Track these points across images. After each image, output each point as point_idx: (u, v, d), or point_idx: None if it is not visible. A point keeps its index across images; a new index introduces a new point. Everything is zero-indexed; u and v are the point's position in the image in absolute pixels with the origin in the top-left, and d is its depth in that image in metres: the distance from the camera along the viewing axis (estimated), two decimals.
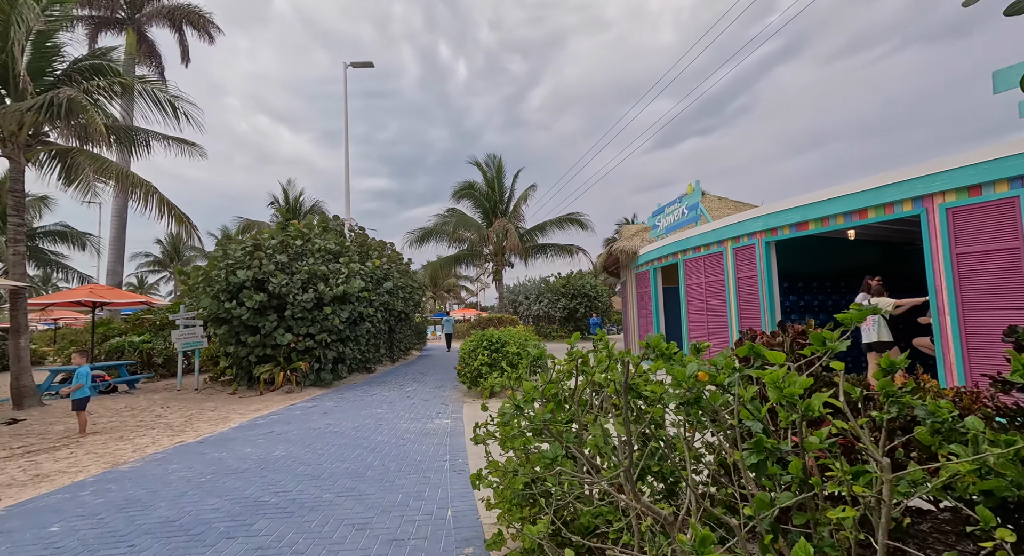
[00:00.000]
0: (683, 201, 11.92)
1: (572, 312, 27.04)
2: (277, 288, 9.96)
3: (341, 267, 11.05)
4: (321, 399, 9.22)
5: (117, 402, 9.63)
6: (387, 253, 14.86)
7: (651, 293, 13.30)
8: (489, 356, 8.70)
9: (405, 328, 17.24)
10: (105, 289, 11.29)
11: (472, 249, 22.15)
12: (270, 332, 9.97)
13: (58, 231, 21.16)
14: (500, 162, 21.93)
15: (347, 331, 11.12)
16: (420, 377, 12.39)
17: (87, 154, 9.40)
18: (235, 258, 10.15)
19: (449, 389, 10.15)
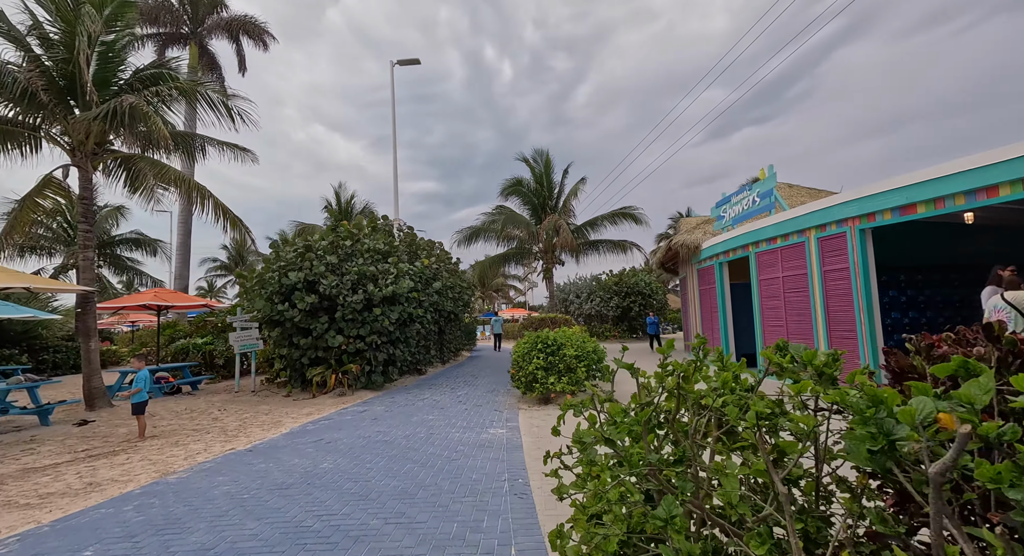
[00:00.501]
0: (753, 188, 10.83)
1: (626, 311, 25.95)
2: (327, 289, 9.83)
3: (390, 267, 10.82)
4: (372, 403, 8.97)
5: (179, 404, 9.83)
6: (436, 253, 14.61)
7: (717, 289, 12.24)
8: (545, 359, 8.11)
9: (455, 329, 16.97)
10: (169, 293, 11.68)
11: (521, 247, 21.64)
12: (321, 334, 9.86)
13: (133, 239, 22.56)
14: (548, 157, 21.29)
15: (397, 332, 10.88)
16: (471, 380, 11.99)
17: (148, 160, 9.63)
18: (287, 260, 10.11)
19: (502, 393, 9.65)
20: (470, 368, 14.99)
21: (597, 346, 8.43)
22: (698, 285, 13.89)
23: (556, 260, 21.18)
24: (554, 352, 8.23)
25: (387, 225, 12.91)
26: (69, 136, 8.85)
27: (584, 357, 8.16)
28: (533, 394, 8.14)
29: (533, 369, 8.09)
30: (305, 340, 9.84)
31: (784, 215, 9.37)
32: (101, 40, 8.94)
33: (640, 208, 20.31)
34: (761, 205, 10.47)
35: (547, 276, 21.16)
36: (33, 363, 16.48)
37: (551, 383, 7.89)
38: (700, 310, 13.77)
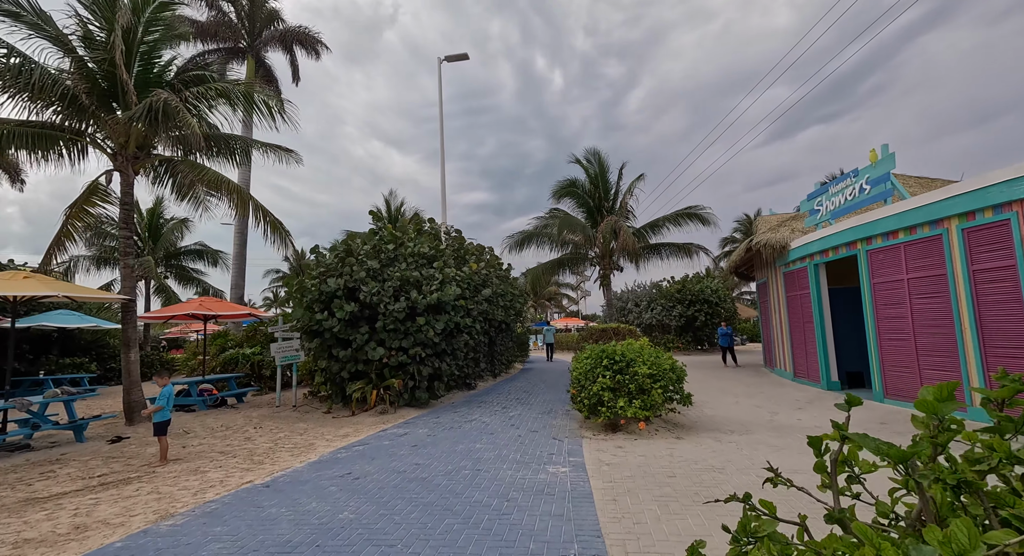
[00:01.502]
0: (860, 174, 9.03)
1: (690, 320, 23.86)
2: (368, 296, 9.04)
3: (435, 273, 9.91)
4: (414, 424, 8.00)
5: (219, 418, 9.33)
6: (485, 258, 13.64)
7: (811, 295, 10.41)
8: (612, 378, 6.81)
9: (506, 339, 15.89)
10: (214, 302, 11.43)
11: (576, 252, 20.33)
12: (361, 346, 9.06)
13: (196, 250, 23.31)
14: (602, 157, 19.95)
15: (443, 344, 9.92)
16: (525, 397, 10.81)
17: (188, 163, 9.30)
18: (326, 265, 9.44)
19: (560, 415, 8.40)
20: (523, 383, 13.82)
21: (675, 363, 7.03)
22: (784, 291, 12.03)
23: (614, 266, 19.69)
24: (623, 370, 6.91)
25: (433, 229, 12.10)
26: (112, 140, 8.62)
27: (660, 376, 6.78)
28: (598, 419, 6.85)
29: (598, 390, 6.80)
30: (344, 352, 9.08)
31: (907, 203, 7.59)
32: (143, 41, 8.70)
33: (708, 207, 18.48)
34: (872, 194, 8.66)
35: (604, 283, 19.69)
36: (101, 371, 17.03)
37: (620, 407, 6.58)
38: (787, 320, 11.89)
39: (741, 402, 9.15)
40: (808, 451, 5.59)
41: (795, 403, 8.83)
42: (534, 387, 12.61)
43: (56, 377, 14.06)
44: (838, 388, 9.98)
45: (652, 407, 6.67)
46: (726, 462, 5.10)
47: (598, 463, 5.34)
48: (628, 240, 16.96)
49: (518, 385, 13.23)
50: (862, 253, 8.64)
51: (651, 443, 6.15)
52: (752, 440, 6.11)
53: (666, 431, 6.80)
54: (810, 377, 10.83)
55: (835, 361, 10.08)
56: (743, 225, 36.69)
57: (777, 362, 13.17)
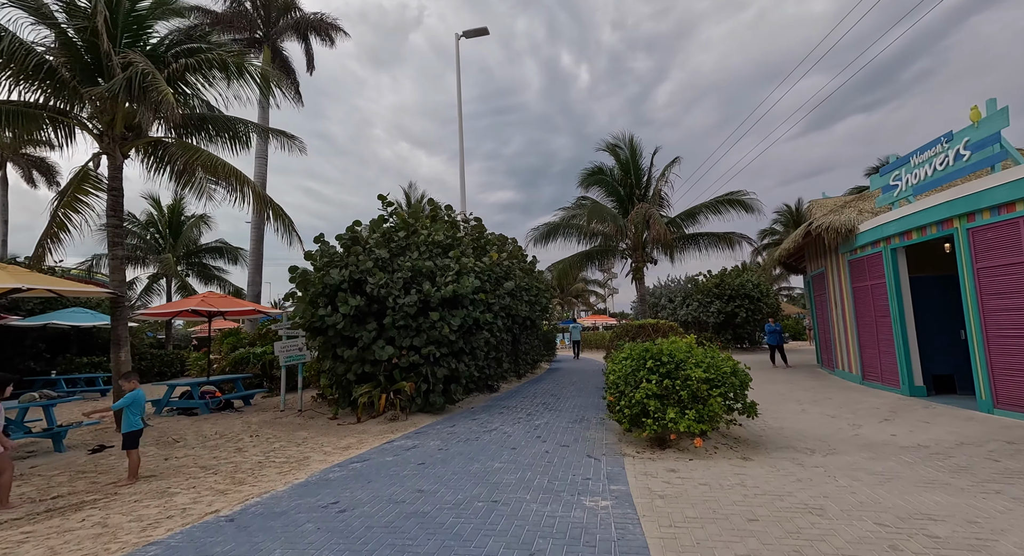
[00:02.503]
0: (957, 139, 7.51)
1: (730, 317, 22.19)
2: (375, 289, 8.06)
3: (451, 263, 8.86)
4: (425, 435, 6.97)
5: (217, 424, 8.53)
6: (508, 248, 12.54)
7: (888, 285, 8.90)
8: (659, 383, 5.60)
9: (531, 338, 14.77)
10: (218, 297, 10.72)
11: (606, 244, 18.99)
12: (368, 344, 8.09)
13: (216, 247, 23.02)
14: (634, 142, 18.52)
15: (460, 342, 8.87)
16: (553, 402, 9.67)
17: (181, 145, 8.52)
18: (330, 255, 8.52)
19: (594, 425, 7.23)
20: (550, 384, 12.67)
21: (736, 365, 5.75)
22: (849, 281, 10.50)
23: (648, 258, 18.28)
24: (672, 373, 5.69)
25: (450, 216, 11.06)
26: (98, 119, 7.90)
27: (720, 381, 5.53)
28: (642, 433, 5.64)
29: (642, 397, 5.60)
30: (350, 352, 8.13)
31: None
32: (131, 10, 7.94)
33: (752, 192, 16.85)
34: (975, 160, 7.14)
35: (637, 276, 18.30)
36: None
37: (670, 419, 5.36)
38: (854, 315, 10.36)
39: (809, 410, 7.77)
40: (933, 483, 4.22)
41: (875, 412, 7.40)
42: (562, 390, 11.44)
43: (70, 376, 13.70)
44: (923, 394, 8.46)
45: (710, 419, 5.43)
46: (822, 498, 3.84)
47: (648, 494, 4.15)
48: (661, 229, 15.54)
49: (545, 387, 12.09)
50: (961, 233, 7.14)
51: (712, 465, 4.92)
52: (844, 464, 4.81)
53: (727, 448, 5.55)
54: (885, 381, 9.32)
55: (919, 362, 8.55)
56: (783, 216, 34.39)
57: (839, 363, 11.62)
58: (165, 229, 21.74)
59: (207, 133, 9.19)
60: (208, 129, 9.13)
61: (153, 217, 21.86)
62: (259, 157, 19.01)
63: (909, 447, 5.34)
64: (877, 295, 9.38)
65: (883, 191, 9.37)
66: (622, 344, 9.10)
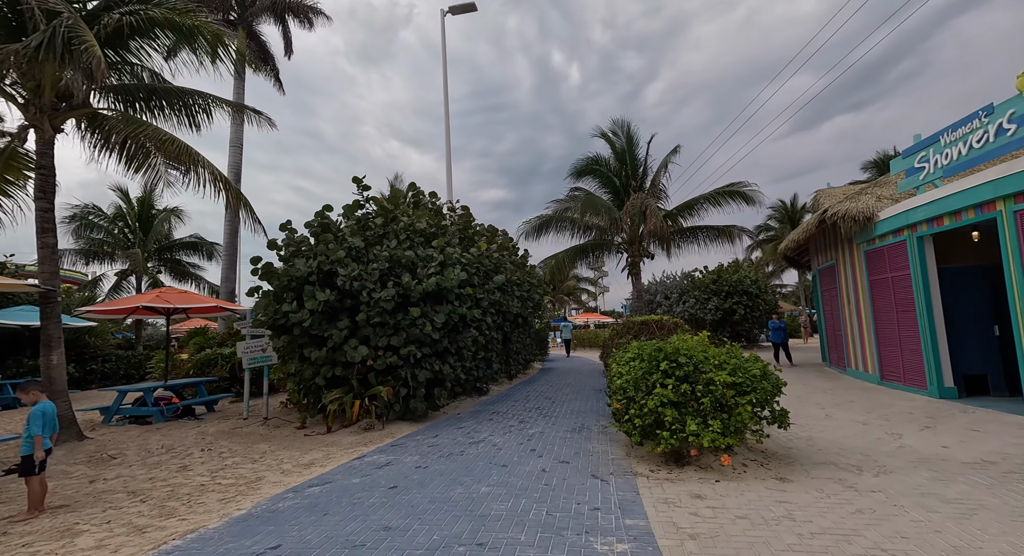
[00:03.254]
0: (998, 112, 6.73)
1: (728, 314, 21.45)
2: (347, 282, 7.11)
3: (434, 253, 7.93)
4: (403, 447, 6.04)
5: (169, 435, 7.52)
6: (498, 240, 11.63)
7: (914, 278, 8.14)
8: (676, 389, 4.72)
9: (523, 336, 13.87)
10: (176, 293, 9.67)
11: (601, 237, 18.15)
12: (339, 344, 7.15)
13: (191, 243, 21.82)
14: (629, 129, 17.69)
15: (445, 341, 7.95)
16: (548, 406, 8.79)
17: (124, 118, 7.47)
18: (296, 243, 7.56)
19: (596, 435, 6.35)
20: (543, 386, 11.79)
21: (766, 367, 4.90)
22: (866, 274, 9.74)
23: (644, 252, 17.47)
24: (690, 376, 4.83)
25: (435, 204, 10.11)
26: (23, 86, 6.84)
27: (749, 386, 4.68)
28: (656, 448, 4.77)
29: (656, 405, 4.72)
30: (318, 353, 7.17)
31: None
32: None
33: (753, 183, 16.09)
34: (1020, 135, 6.37)
35: (633, 272, 17.49)
36: (80, 374, 15.53)
37: (691, 432, 4.49)
38: (870, 310, 9.60)
39: (834, 416, 6.96)
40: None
41: (910, 418, 6.61)
42: (557, 392, 10.56)
43: (17, 381, 12.52)
44: (954, 396, 7.71)
45: (736, 431, 4.57)
46: (901, 540, 2.99)
47: (675, 532, 3.27)
48: (658, 222, 14.72)
49: (538, 389, 11.20)
50: (1006, 216, 6.37)
51: (745, 489, 4.06)
52: (905, 487, 3.97)
53: (757, 465, 4.69)
54: (908, 381, 8.56)
55: (948, 362, 7.79)
56: (779, 211, 33.85)
57: (852, 361, 10.87)
58: (135, 223, 20.50)
59: (158, 107, 8.16)
60: (159, 102, 8.09)
61: (122, 210, 20.61)
62: (234, 146, 17.87)
63: (972, 463, 4.53)
64: (899, 288, 8.62)
65: (906, 174, 8.61)
66: (624, 343, 8.24)
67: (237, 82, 18.39)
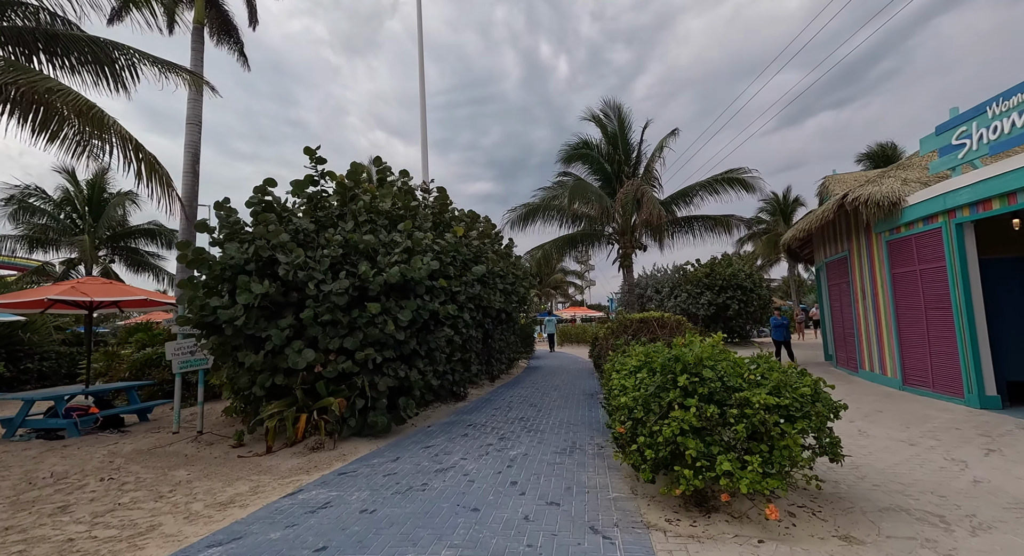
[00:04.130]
0: None
1: (722, 309, 20.57)
2: (290, 271, 5.84)
3: (399, 237, 6.68)
4: (352, 478, 4.83)
5: (71, 456, 6.19)
6: (479, 227, 10.40)
7: (949, 270, 7.14)
8: (700, 412, 3.59)
9: (507, 333, 12.69)
10: (98, 283, 8.25)
11: (591, 228, 17.02)
12: (280, 347, 5.88)
13: (149, 230, 20.14)
14: (621, 112, 16.50)
15: (412, 342, 6.73)
16: (533, 416, 7.64)
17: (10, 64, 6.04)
18: (230, 225, 6.25)
19: (592, 461, 5.22)
20: (529, 389, 10.65)
21: (817, 384, 3.79)
22: (888, 267, 8.75)
23: (636, 243, 16.39)
24: (718, 393, 3.70)
25: (406, 184, 8.82)
26: None
27: (797, 409, 3.56)
28: (675, 488, 3.64)
29: (674, 433, 3.59)
30: (255, 357, 5.88)
31: None
32: None
33: (754, 169, 15.06)
34: None
35: (624, 264, 16.41)
36: (13, 373, 13.95)
37: (723, 471, 3.37)
38: (892, 306, 8.63)
39: (869, 432, 5.93)
40: None
41: (959, 435, 5.61)
42: (544, 398, 9.43)
43: None
44: (997, 406, 6.75)
45: (782, 472, 3.46)
46: None
47: None
48: (654, 210, 13.61)
49: (523, 394, 10.05)
50: None
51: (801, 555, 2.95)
52: None
53: (808, 514, 3.58)
54: (939, 387, 7.60)
55: (991, 367, 6.82)
56: (771, 204, 33.08)
57: (865, 362, 9.93)
58: (84, 207, 18.76)
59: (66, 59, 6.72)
60: (66, 53, 6.66)
61: (69, 193, 18.84)
62: (191, 123, 16.22)
63: None
64: (929, 282, 7.63)
65: (940, 153, 7.59)
66: (622, 344, 7.11)
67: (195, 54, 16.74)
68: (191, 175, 11.83)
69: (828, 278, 12.43)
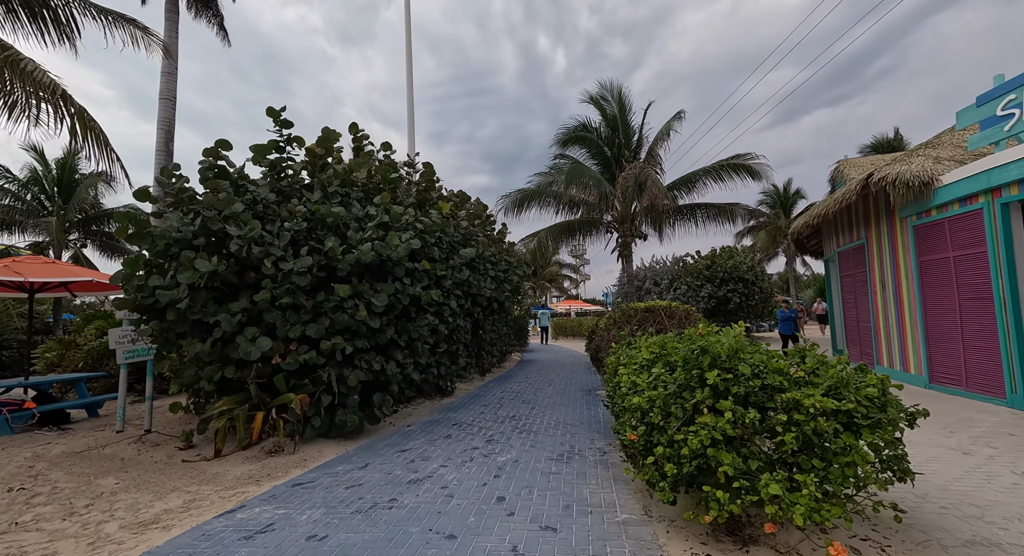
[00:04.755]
0: None
1: (722, 302, 19.87)
2: (243, 246, 4.99)
3: (373, 211, 5.84)
4: (306, 492, 4.02)
5: None
6: (469, 208, 9.55)
7: (992, 257, 6.40)
8: (736, 418, 2.80)
9: (499, 324, 11.89)
10: (35, 262, 7.31)
11: (589, 215, 16.21)
12: (230, 335, 5.05)
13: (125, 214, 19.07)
14: (621, 93, 15.62)
15: (390, 331, 5.92)
16: (526, 414, 6.87)
17: None
18: (175, 192, 5.39)
19: (593, 470, 4.44)
20: (522, 384, 9.88)
21: (884, 384, 3.02)
22: (915, 253, 8.02)
23: (636, 232, 15.61)
24: (756, 394, 2.93)
25: (388, 157, 7.94)
26: None
27: (862, 416, 2.78)
28: (704, 514, 2.87)
29: (702, 444, 2.81)
30: (201, 346, 5.05)
31: None
32: None
33: (761, 155, 14.27)
34: None
35: (624, 253, 15.62)
36: None
37: (768, 493, 2.60)
38: (919, 297, 7.90)
39: (913, 438, 5.19)
40: None
41: (1013, 440, 4.89)
42: (538, 394, 8.66)
43: None
44: None
45: (843, 496, 2.69)
46: None
47: None
48: (659, 194, 12.80)
49: (515, 389, 9.28)
50: None
51: None
52: None
53: (877, 550, 2.82)
54: (973, 386, 6.90)
55: None
56: (770, 197, 32.36)
57: (885, 358, 9.23)
58: (52, 188, 17.70)
59: None
60: None
61: (37, 173, 17.77)
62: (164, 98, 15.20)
63: None
64: (966, 270, 6.90)
65: (982, 126, 6.82)
66: (625, 335, 6.33)
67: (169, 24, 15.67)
68: (164, 154, 10.88)
69: (841, 269, 11.70)
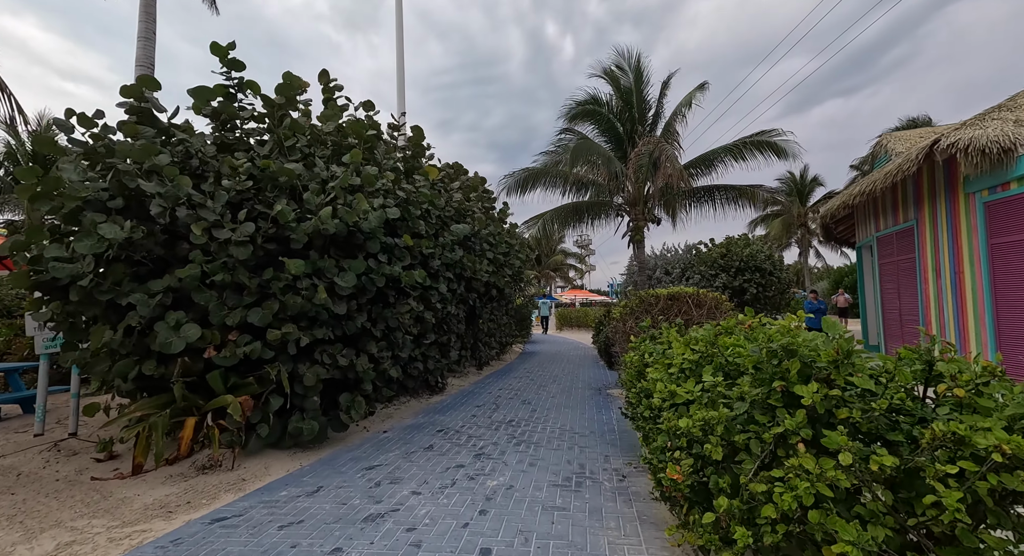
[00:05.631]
0: None
1: (738, 292, 18.68)
2: (165, 209, 3.90)
3: (341, 172, 4.72)
4: (225, 535, 2.94)
5: None
6: (464, 181, 8.40)
7: None
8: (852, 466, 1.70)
9: (498, 313, 10.79)
10: None
11: (598, 197, 15.02)
12: (149, 320, 3.98)
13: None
14: (639, 62, 14.29)
15: (361, 318, 4.84)
16: (526, 419, 5.80)
17: None
18: (82, 143, 4.30)
19: (613, 503, 3.35)
20: (522, 380, 8.82)
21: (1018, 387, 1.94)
22: (984, 236, 6.83)
23: (649, 215, 14.42)
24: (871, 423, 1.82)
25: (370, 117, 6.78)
26: None
27: None
28: None
29: (799, 504, 1.71)
30: (111, 334, 3.98)
31: None
32: None
33: (789, 132, 12.98)
34: None
35: (636, 238, 14.46)
36: None
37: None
38: (988, 285, 6.74)
39: None
40: None
41: None
42: (540, 391, 7.59)
43: None
44: None
45: None
46: None
47: None
48: (675, 170, 11.59)
49: (515, 385, 8.22)
50: None
51: None
52: None
53: None
54: None
55: None
56: (786, 184, 30.90)
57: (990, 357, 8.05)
58: (27, 163, 16.63)
59: None
60: None
61: (11, 147, 16.73)
62: (143, 38, 14.01)
63: None
64: None
65: None
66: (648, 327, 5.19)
67: None
68: None
69: (880, 255, 10.50)
